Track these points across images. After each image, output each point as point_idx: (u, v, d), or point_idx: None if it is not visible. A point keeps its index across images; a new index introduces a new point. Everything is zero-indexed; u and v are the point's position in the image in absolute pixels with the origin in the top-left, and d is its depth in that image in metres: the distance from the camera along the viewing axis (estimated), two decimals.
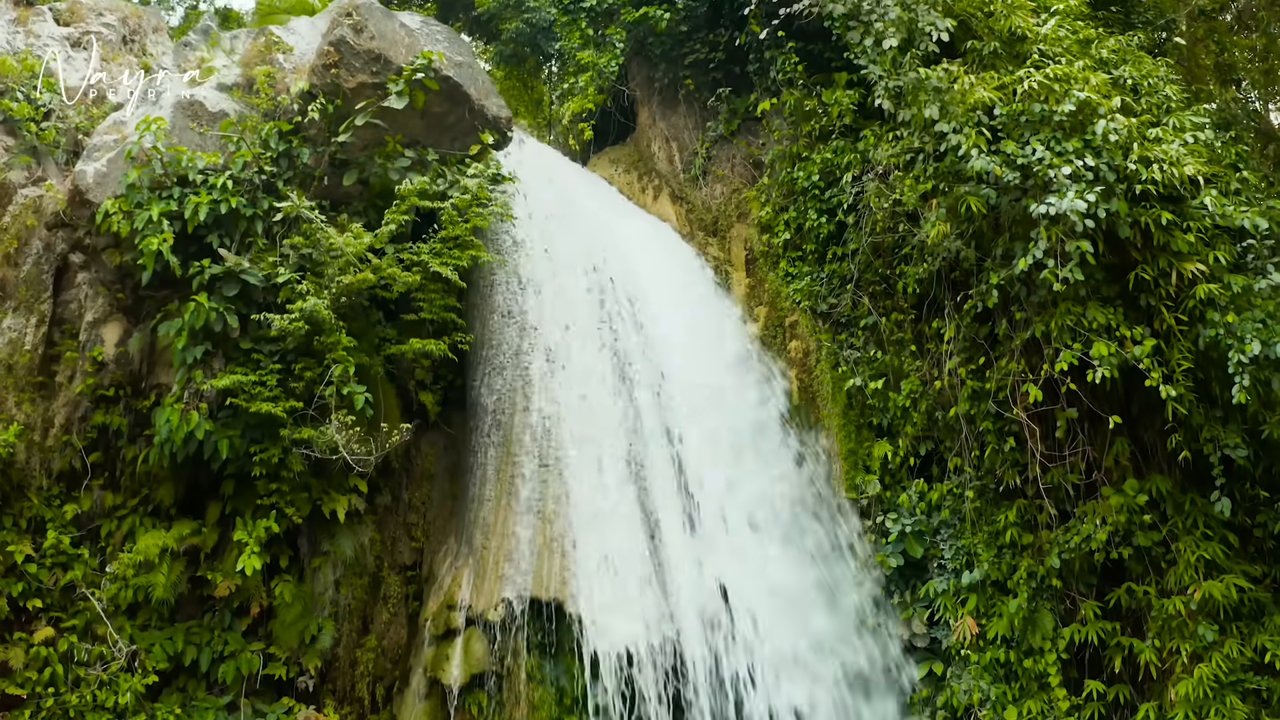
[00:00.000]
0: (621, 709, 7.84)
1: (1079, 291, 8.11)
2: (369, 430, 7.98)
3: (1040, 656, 8.66)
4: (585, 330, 9.07)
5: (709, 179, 10.72)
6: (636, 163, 11.29)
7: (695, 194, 10.72)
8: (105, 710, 7.93)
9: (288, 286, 8.14)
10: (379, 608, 8.77)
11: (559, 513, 8.26)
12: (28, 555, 8.10)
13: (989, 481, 9.03)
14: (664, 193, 10.73)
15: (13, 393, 8.30)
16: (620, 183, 11.08)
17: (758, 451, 8.94)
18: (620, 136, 12.09)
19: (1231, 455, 8.19)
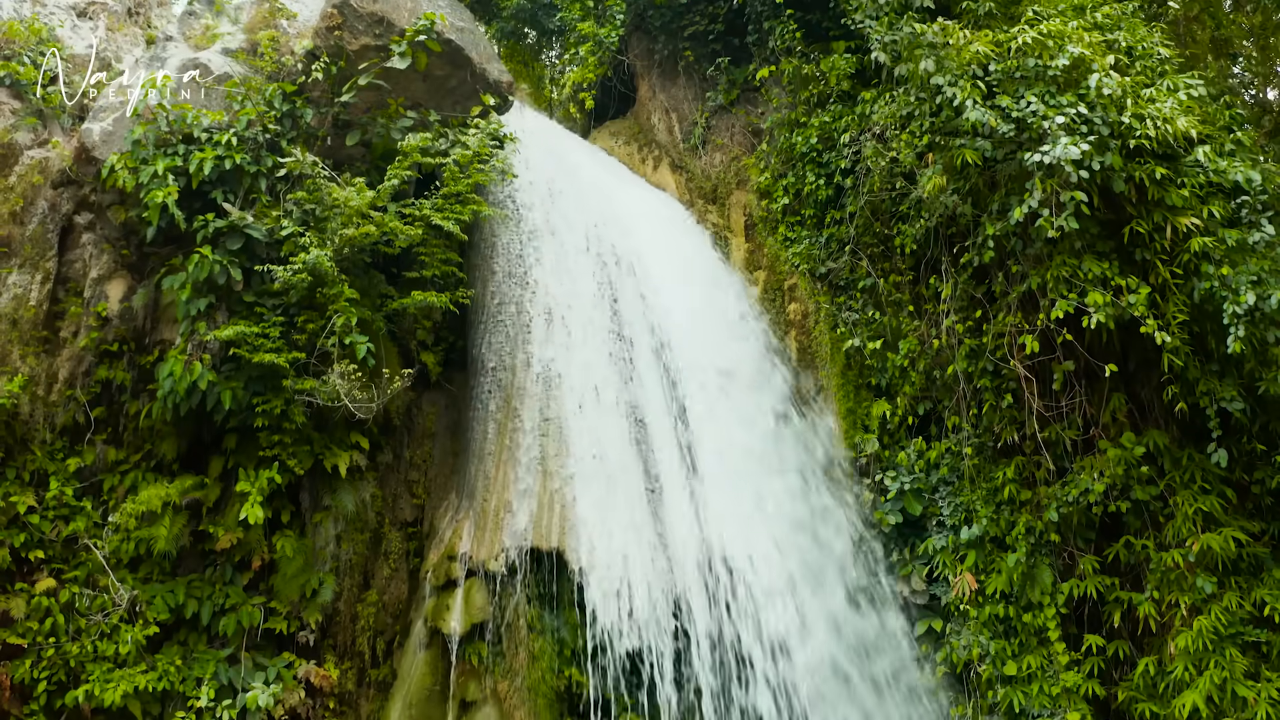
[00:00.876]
0: (623, 658, 7.86)
1: (1074, 244, 8.19)
2: (370, 379, 8.03)
3: (1039, 611, 8.69)
4: (585, 291, 9.15)
5: (708, 148, 10.83)
6: (636, 135, 11.40)
7: (695, 163, 10.83)
8: (106, 660, 7.95)
9: (291, 241, 8.22)
10: (380, 563, 8.80)
11: (559, 466, 8.30)
12: (30, 506, 8.14)
13: (987, 439, 9.08)
14: (664, 163, 10.84)
15: (17, 346, 8.36)
16: (620, 154, 11.18)
17: (756, 405, 8.99)
18: (620, 111, 12.21)
19: (1228, 409, 8.25)
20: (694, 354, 9.03)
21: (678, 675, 8.02)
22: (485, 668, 8.00)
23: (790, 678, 7.51)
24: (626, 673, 7.93)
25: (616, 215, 9.73)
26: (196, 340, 8.17)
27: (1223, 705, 8.12)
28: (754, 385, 9.18)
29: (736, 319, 9.54)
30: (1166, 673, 8.39)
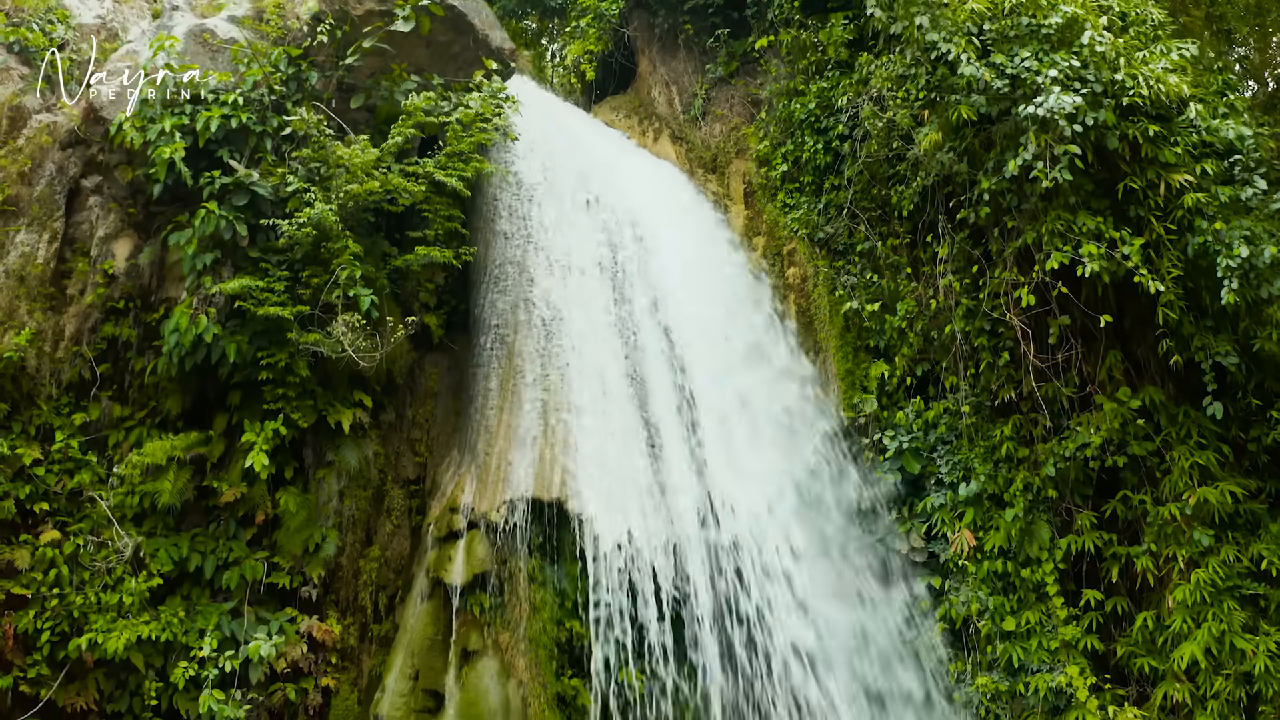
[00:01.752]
0: (624, 604, 7.92)
1: (1069, 199, 8.30)
2: (373, 332, 8.12)
3: (1037, 567, 8.74)
4: (586, 251, 9.27)
5: (708, 119, 10.98)
6: (637, 108, 11.55)
7: (695, 134, 10.97)
8: (109, 610, 8.00)
9: (295, 198, 8.33)
10: (382, 520, 8.86)
11: (560, 419, 8.39)
12: (36, 459, 8.22)
13: (985, 398, 9.16)
14: (664, 134, 10.98)
15: (24, 302, 8.46)
16: (621, 126, 11.32)
17: (754, 364, 9.09)
18: (621, 88, 12.37)
19: (1223, 363, 8.34)
20: (692, 312, 9.13)
21: (677, 627, 8.08)
22: (486, 619, 8.05)
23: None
24: (626, 619, 7.99)
25: (617, 181, 9.86)
26: (202, 294, 8.27)
27: (1221, 657, 8.17)
28: (753, 345, 9.27)
29: (735, 280, 9.64)
30: (1165, 627, 8.44)
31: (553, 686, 8.09)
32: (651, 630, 8.06)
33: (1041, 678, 8.48)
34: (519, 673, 7.97)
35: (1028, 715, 8.57)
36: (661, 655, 8.08)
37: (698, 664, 8.13)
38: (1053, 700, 8.50)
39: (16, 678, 7.85)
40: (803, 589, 8.01)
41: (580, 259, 9.21)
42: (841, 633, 8.10)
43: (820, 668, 7.75)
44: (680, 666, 8.22)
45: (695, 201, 10.25)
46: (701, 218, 10.11)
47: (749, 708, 8.11)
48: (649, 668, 8.12)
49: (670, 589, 8.14)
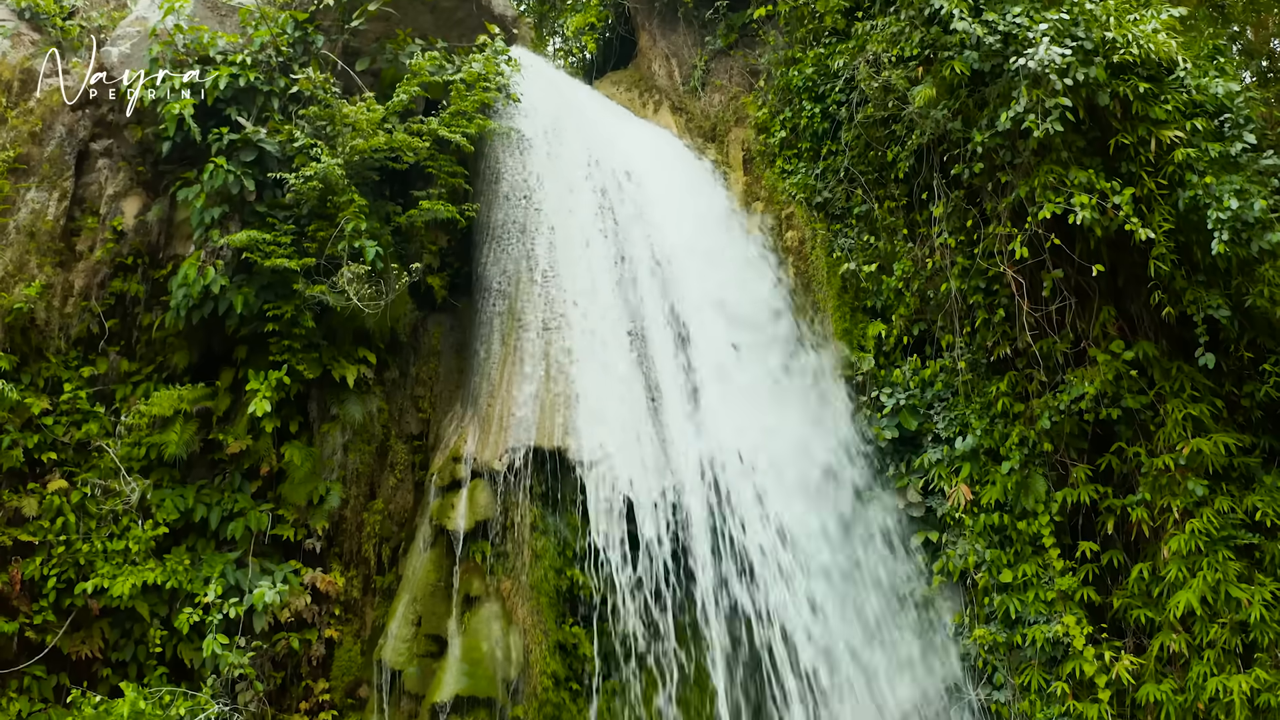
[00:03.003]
0: (626, 550, 8.02)
1: (1060, 154, 8.46)
2: (378, 279, 8.25)
3: (1034, 519, 8.83)
4: (587, 211, 9.41)
5: (707, 90, 11.17)
6: (637, 82, 11.74)
7: (694, 104, 11.16)
8: (116, 556, 8.09)
9: (302, 154, 8.47)
10: (386, 474, 8.96)
11: (562, 371, 8.50)
12: (44, 409, 8.32)
13: (980, 356, 9.28)
14: (664, 105, 11.16)
15: (35, 256, 8.60)
16: (621, 100, 11.50)
17: (751, 318, 9.23)
18: (621, 64, 12.57)
19: (1215, 316, 8.46)
20: (691, 270, 9.26)
21: (678, 571, 8.17)
22: (488, 566, 8.14)
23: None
24: (627, 567, 8.08)
25: (617, 145, 10.02)
26: (210, 247, 8.41)
27: (1217, 606, 8.25)
28: (751, 303, 9.41)
29: (733, 240, 9.79)
30: (1160, 578, 8.52)
31: (554, 634, 8.17)
32: (652, 578, 8.14)
33: (1039, 629, 8.56)
34: (521, 620, 8.05)
35: (1025, 666, 8.65)
36: (662, 602, 8.16)
37: (698, 610, 8.22)
38: (1050, 651, 8.57)
39: (22, 624, 7.94)
40: (799, 533, 8.10)
41: (581, 219, 9.35)
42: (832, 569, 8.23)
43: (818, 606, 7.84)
44: (681, 614, 8.31)
45: (694, 166, 10.41)
46: (700, 182, 10.26)
47: (749, 655, 8.21)
48: (650, 615, 8.19)
49: (670, 537, 8.23)
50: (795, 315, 9.51)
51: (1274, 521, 8.46)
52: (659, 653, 8.20)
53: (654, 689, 8.21)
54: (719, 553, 8.19)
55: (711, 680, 8.09)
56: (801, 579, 7.96)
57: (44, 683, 7.99)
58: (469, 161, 9.42)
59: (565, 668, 8.21)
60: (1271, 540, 8.48)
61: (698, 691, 8.22)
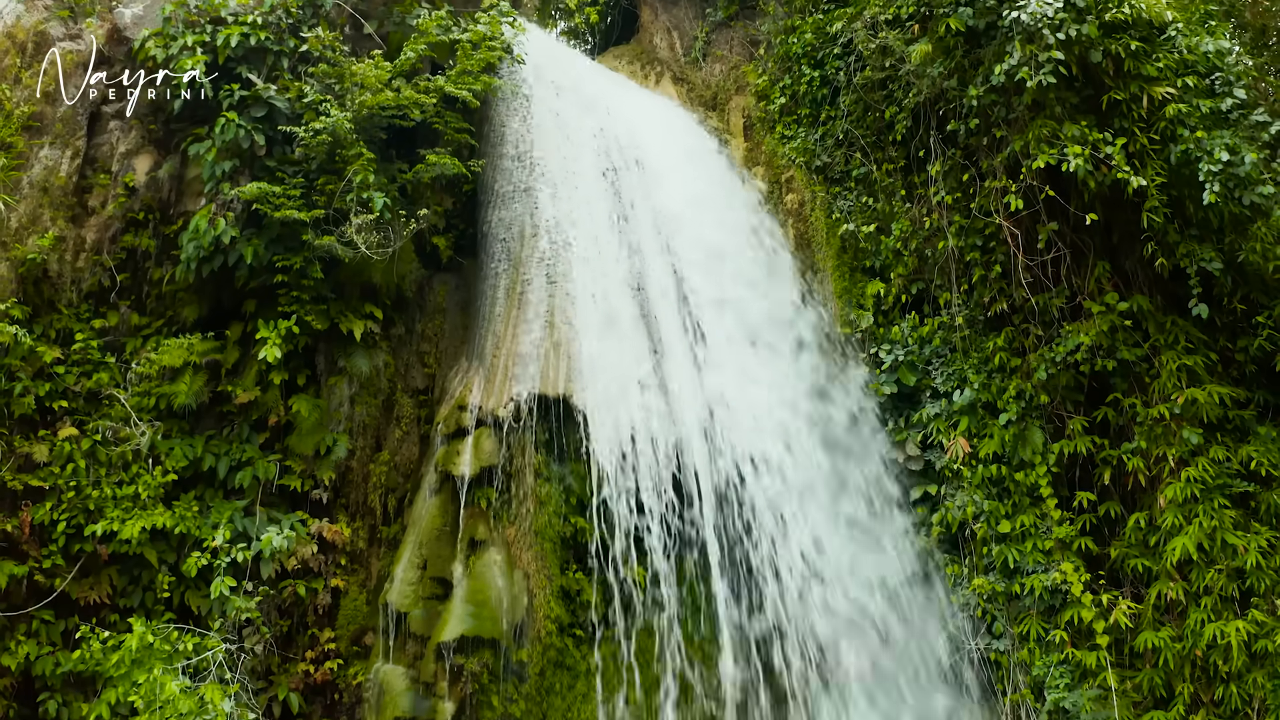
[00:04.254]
0: (629, 499, 8.12)
1: (1054, 109, 8.63)
2: (385, 228, 8.40)
3: (1031, 470, 8.94)
4: (590, 172, 9.60)
5: (708, 60, 11.40)
6: (639, 55, 11.96)
7: (695, 75, 11.38)
8: (125, 501, 8.18)
9: (311, 110, 8.64)
10: (392, 427, 9.08)
11: (566, 322, 8.64)
12: (56, 358, 8.45)
13: (978, 312, 9.42)
14: (665, 77, 11.37)
15: (48, 210, 8.76)
16: (624, 72, 11.71)
17: (751, 275, 9.39)
18: (623, 40, 12.80)
19: (1208, 268, 8.62)
20: (692, 228, 9.45)
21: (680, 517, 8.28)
22: (493, 513, 8.24)
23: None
24: (631, 514, 8.18)
25: (619, 110, 10.22)
26: (221, 200, 8.57)
27: (1213, 554, 8.36)
28: (750, 261, 9.57)
29: (733, 201, 9.97)
30: (1156, 527, 8.63)
31: (557, 580, 8.26)
32: (655, 524, 8.24)
33: (1037, 578, 8.65)
34: (525, 565, 8.15)
35: (1024, 616, 8.73)
36: (664, 549, 8.26)
37: (699, 559, 8.32)
38: (1048, 599, 8.66)
39: (32, 568, 8.03)
40: (798, 484, 8.22)
41: (585, 180, 9.52)
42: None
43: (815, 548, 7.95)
44: (682, 563, 8.40)
45: (695, 131, 10.61)
46: (701, 145, 10.46)
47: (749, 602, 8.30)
48: (651, 563, 8.29)
49: (673, 484, 8.34)
50: (795, 273, 9.66)
51: (1269, 471, 8.59)
52: (662, 600, 8.29)
53: (656, 637, 8.30)
54: (722, 500, 8.29)
55: (715, 624, 8.19)
56: (801, 522, 8.05)
57: (52, 627, 8.07)
58: (474, 126, 9.61)
59: (569, 614, 8.30)
60: (1267, 490, 8.60)
61: (701, 637, 8.31)
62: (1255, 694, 8.17)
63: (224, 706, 7.12)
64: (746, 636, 8.20)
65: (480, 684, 7.81)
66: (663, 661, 8.18)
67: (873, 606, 8.45)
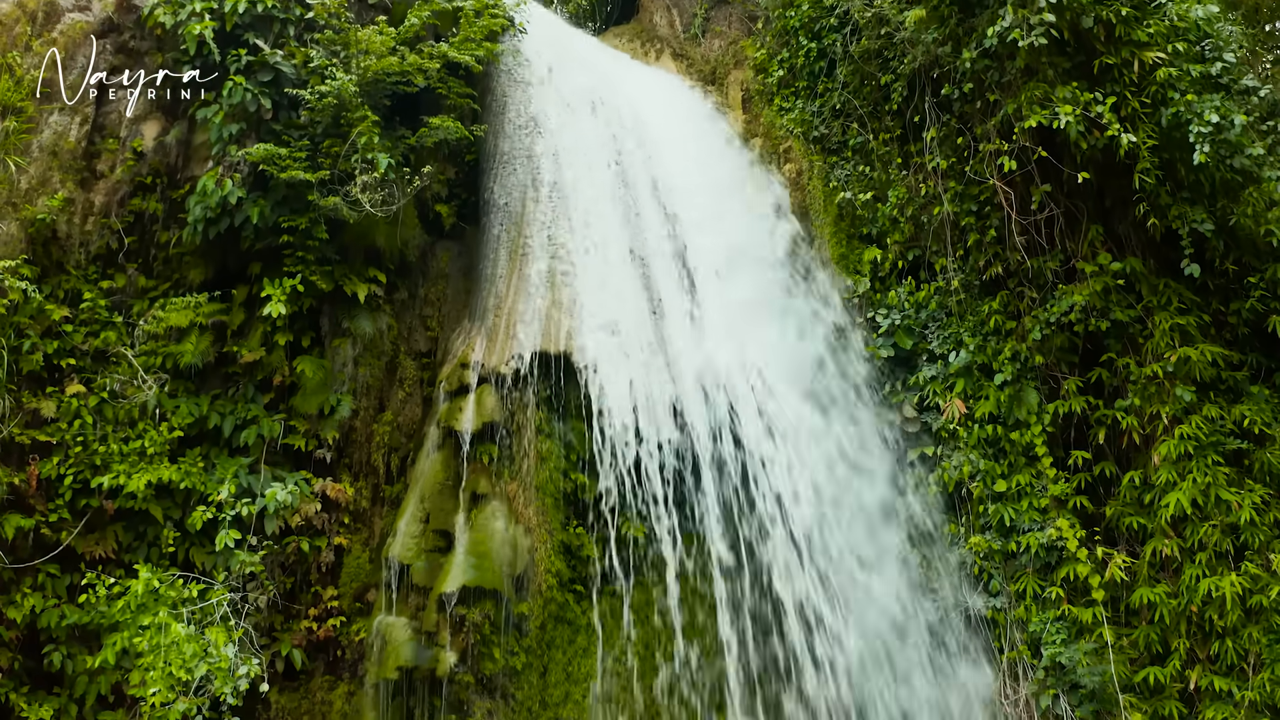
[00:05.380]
0: (630, 454, 8.22)
1: (1047, 73, 8.79)
2: (389, 187, 8.53)
3: (1026, 430, 9.05)
4: (591, 139, 9.75)
5: (708, 36, 11.58)
6: (639, 34, 12.15)
7: (695, 51, 11.57)
8: (132, 455, 8.28)
9: (317, 75, 8.79)
10: (395, 389, 9.18)
11: (567, 283, 8.77)
12: (65, 317, 8.56)
13: (973, 277, 9.55)
14: (665, 53, 11.55)
15: (57, 172, 8.89)
16: (625, 50, 11.88)
17: (748, 240, 9.53)
18: (624, 20, 12.99)
19: (1200, 230, 8.75)
20: (691, 195, 9.61)
21: (679, 474, 8.37)
22: (495, 469, 8.33)
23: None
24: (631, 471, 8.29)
25: (619, 83, 10.40)
26: (228, 162, 8.71)
27: (1207, 509, 8.46)
28: (748, 227, 9.72)
29: (731, 169, 10.14)
30: (1151, 485, 8.72)
31: (559, 534, 8.35)
32: (654, 480, 8.34)
33: (1033, 535, 8.74)
34: (526, 519, 8.24)
35: (1020, 574, 8.81)
36: (664, 505, 8.35)
37: (699, 515, 8.41)
38: (1044, 557, 8.75)
39: (38, 521, 8.11)
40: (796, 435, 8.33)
41: (586, 147, 9.67)
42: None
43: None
44: (683, 520, 8.49)
45: (694, 102, 10.79)
46: (700, 116, 10.63)
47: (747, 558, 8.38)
48: (652, 519, 8.38)
49: (671, 443, 8.44)
50: (792, 239, 9.80)
51: (1263, 430, 8.70)
52: (661, 556, 8.37)
53: (655, 591, 8.38)
54: (719, 457, 8.39)
55: (713, 582, 8.27)
56: (798, 467, 8.16)
57: (58, 581, 8.15)
58: (477, 96, 9.77)
59: (569, 569, 8.38)
60: (1260, 448, 8.71)
61: (699, 594, 8.39)
62: (1251, 649, 8.25)
63: (227, 651, 7.18)
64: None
65: (482, 635, 7.89)
66: (665, 616, 8.27)
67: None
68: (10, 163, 8.59)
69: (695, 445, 8.33)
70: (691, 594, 8.36)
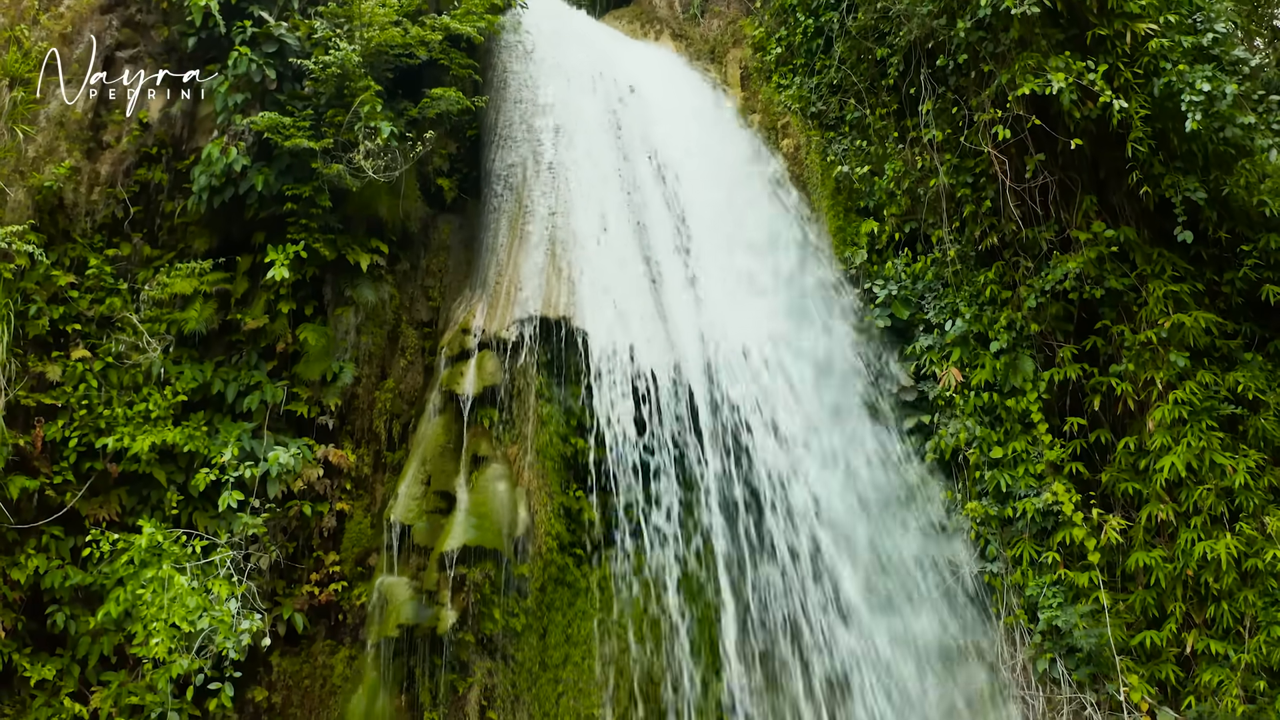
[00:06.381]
0: (629, 418, 8.30)
1: (1040, 44, 8.91)
2: (392, 154, 8.65)
3: (1022, 397, 9.12)
4: (591, 113, 9.87)
5: (707, 16, 11.74)
6: (639, 15, 12.30)
7: (694, 31, 11.72)
8: (137, 418, 8.36)
9: (320, 47, 8.92)
10: (397, 357, 9.27)
11: (567, 251, 8.87)
12: (70, 283, 8.66)
13: (969, 248, 9.65)
14: (665, 33, 11.70)
15: (64, 142, 9.01)
16: (624, 31, 12.04)
17: (746, 210, 9.64)
18: (623, 2, 13.15)
19: (1193, 198, 8.85)
20: (689, 168, 9.72)
21: (679, 438, 8.44)
22: (496, 433, 8.41)
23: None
24: (631, 435, 8.36)
25: (619, 60, 10.54)
26: (233, 130, 8.82)
27: (1202, 473, 8.51)
28: (746, 199, 9.82)
29: (730, 143, 10.25)
30: (1146, 451, 8.79)
31: (558, 497, 8.42)
32: (655, 445, 8.41)
33: (1029, 501, 8.80)
34: (526, 482, 8.31)
35: (1016, 540, 8.87)
36: (666, 470, 8.42)
37: (700, 482, 8.48)
38: (1040, 522, 8.81)
39: (43, 483, 8.19)
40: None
41: (586, 120, 9.79)
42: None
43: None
44: (686, 490, 8.56)
45: (693, 79, 10.92)
46: (699, 92, 10.76)
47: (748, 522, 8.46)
48: (651, 484, 8.45)
49: (670, 407, 8.52)
50: (789, 211, 9.90)
51: (1257, 396, 8.77)
52: (659, 520, 8.44)
53: (655, 554, 8.44)
54: (717, 419, 8.46)
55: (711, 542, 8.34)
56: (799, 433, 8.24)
57: (62, 543, 8.22)
58: (479, 70, 9.90)
59: (569, 532, 8.44)
60: (1255, 414, 8.78)
61: (698, 558, 8.45)
62: (1247, 612, 8.30)
63: (230, 606, 7.24)
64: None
65: (482, 594, 7.95)
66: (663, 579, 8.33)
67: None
68: (18, 131, 8.70)
69: (695, 411, 8.39)
70: (693, 556, 8.42)
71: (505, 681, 8.03)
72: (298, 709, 8.43)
